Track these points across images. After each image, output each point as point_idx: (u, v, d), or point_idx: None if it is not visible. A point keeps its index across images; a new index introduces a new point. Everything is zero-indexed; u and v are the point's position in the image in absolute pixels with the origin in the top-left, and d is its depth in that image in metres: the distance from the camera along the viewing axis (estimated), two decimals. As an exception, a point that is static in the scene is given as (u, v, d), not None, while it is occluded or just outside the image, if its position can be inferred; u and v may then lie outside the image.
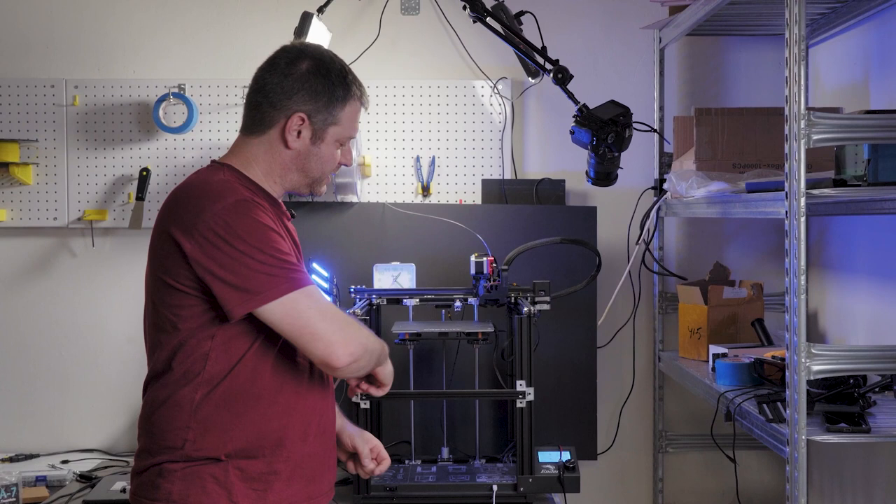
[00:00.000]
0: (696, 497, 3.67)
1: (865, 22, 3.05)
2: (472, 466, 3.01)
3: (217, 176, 2.01)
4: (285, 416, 2.02)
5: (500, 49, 3.40)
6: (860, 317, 3.13)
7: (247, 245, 1.88)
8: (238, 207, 1.91)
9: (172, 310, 1.97)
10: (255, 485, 1.98)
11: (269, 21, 3.56)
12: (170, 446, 1.97)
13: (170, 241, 1.93)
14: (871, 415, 2.47)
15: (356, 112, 2.13)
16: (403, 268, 3.22)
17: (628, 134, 2.79)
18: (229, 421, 1.97)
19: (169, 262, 1.95)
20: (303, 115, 2.03)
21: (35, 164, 3.53)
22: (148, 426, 2.02)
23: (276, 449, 2.01)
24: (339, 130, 2.09)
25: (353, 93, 2.09)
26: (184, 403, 1.96)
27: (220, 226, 1.88)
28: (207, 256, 1.89)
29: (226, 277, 1.88)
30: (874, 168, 2.30)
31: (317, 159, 2.09)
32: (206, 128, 3.55)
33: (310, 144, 2.07)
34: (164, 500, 1.96)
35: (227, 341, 1.96)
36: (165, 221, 1.98)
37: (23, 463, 3.37)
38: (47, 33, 3.58)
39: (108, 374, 3.59)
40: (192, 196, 1.96)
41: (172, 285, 1.95)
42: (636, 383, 3.60)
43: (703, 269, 3.49)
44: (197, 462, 1.96)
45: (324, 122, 2.06)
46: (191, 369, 1.96)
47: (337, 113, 2.07)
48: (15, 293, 3.59)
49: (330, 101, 2.05)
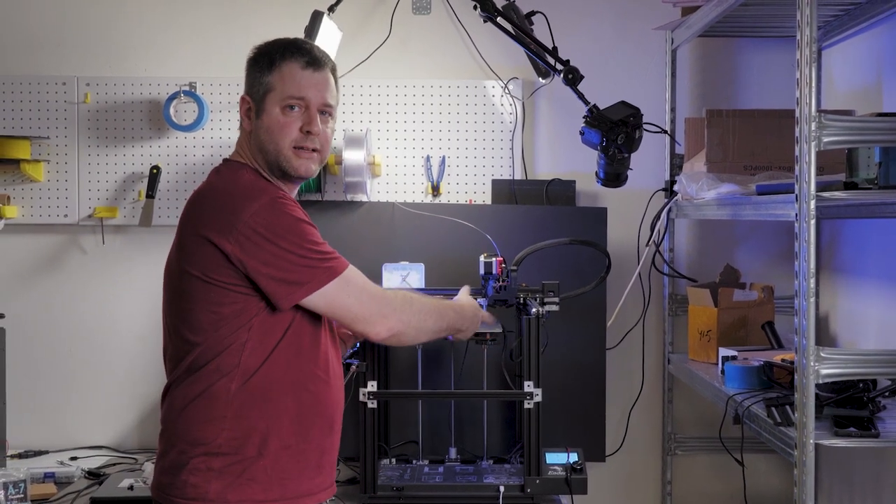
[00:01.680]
0: (704, 500, 3.65)
1: (878, 25, 3.03)
2: (479, 467, 3.00)
3: (243, 176, 2.11)
4: (317, 405, 2.13)
5: (511, 49, 3.39)
6: (871, 321, 3.11)
7: (287, 241, 2.00)
8: (274, 206, 2.02)
9: (211, 307, 2.03)
10: (287, 474, 2.07)
11: (280, 19, 3.56)
12: (205, 440, 2.03)
13: (206, 244, 2.01)
14: (881, 419, 2.45)
15: (290, 71, 2.16)
16: (412, 267, 3.22)
17: (638, 135, 2.78)
18: (263, 410, 2.05)
19: (207, 262, 2.02)
20: (244, 96, 2.17)
21: (46, 161, 3.54)
22: (180, 422, 2.07)
23: (306, 439, 2.10)
24: (276, 94, 2.15)
25: (281, 56, 2.16)
26: (220, 394, 2.03)
27: (260, 225, 1.99)
28: (250, 255, 1.99)
29: (271, 273, 2.00)
30: (885, 171, 2.28)
31: (264, 132, 2.15)
32: (216, 126, 3.55)
33: (256, 120, 2.16)
34: (201, 499, 2.02)
35: (263, 333, 2.05)
36: (197, 225, 2.04)
37: (31, 459, 3.37)
38: (59, 31, 3.59)
39: (117, 371, 3.60)
40: (224, 197, 2.05)
41: (214, 283, 2.02)
42: (645, 385, 3.59)
43: (713, 272, 3.47)
44: (231, 456, 2.02)
45: (259, 95, 2.15)
46: (227, 361, 2.03)
47: (266, 79, 2.15)
48: (25, 289, 3.60)
49: (257, 73, 2.16)
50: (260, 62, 2.16)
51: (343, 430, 2.56)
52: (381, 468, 2.96)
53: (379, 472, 2.89)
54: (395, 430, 3.17)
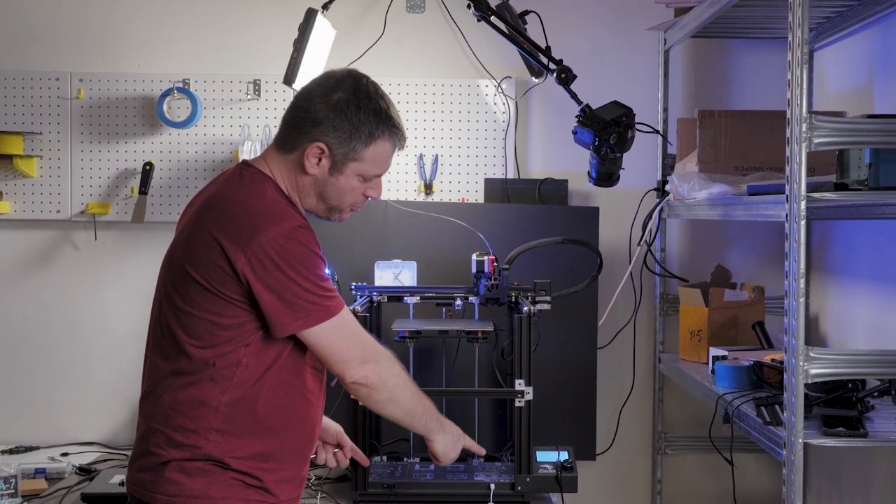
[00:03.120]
0: (694, 499, 3.67)
1: (870, 27, 3.04)
2: (470, 465, 3.00)
3: (267, 193, 2.06)
4: (303, 424, 2.14)
5: (505, 48, 3.39)
6: (861, 321, 3.13)
7: (296, 273, 1.98)
8: (294, 234, 1.99)
9: (212, 316, 2.02)
10: (267, 485, 2.07)
11: (274, 17, 3.56)
12: (193, 445, 2.03)
13: (217, 249, 1.98)
14: (870, 419, 2.46)
15: (384, 152, 2.13)
16: (405, 265, 3.23)
17: (631, 135, 2.79)
18: (251, 426, 2.05)
19: (213, 269, 1.99)
20: (322, 146, 2.07)
21: (39, 157, 3.54)
22: (169, 422, 2.05)
23: (294, 456, 2.13)
24: (361, 167, 2.11)
25: (381, 133, 2.09)
26: (211, 405, 2.03)
27: (274, 250, 1.97)
28: (258, 276, 1.97)
29: (273, 299, 1.99)
30: (875, 172, 2.29)
31: (334, 189, 2.12)
32: (209, 123, 3.55)
33: (328, 174, 2.10)
34: (184, 495, 2.01)
35: (259, 351, 2.05)
36: (210, 227, 2.01)
37: (22, 455, 3.37)
38: (53, 26, 3.58)
39: (108, 368, 3.59)
40: (246, 211, 2.01)
41: (217, 294, 2.00)
42: (636, 384, 3.60)
43: (704, 272, 3.49)
44: (214, 462, 2.02)
45: (344, 157, 2.08)
46: (221, 374, 2.03)
47: (359, 150, 2.09)
48: (17, 285, 3.60)
49: (352, 137, 2.07)
50: (361, 126, 2.07)
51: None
52: (373, 465, 2.96)
53: (370, 470, 2.89)
54: (387, 427, 3.17)
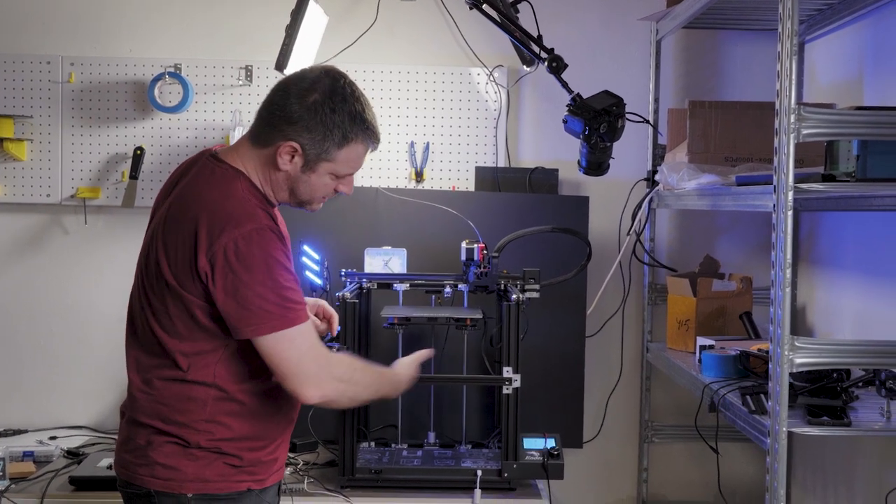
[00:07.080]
0: (680, 487, 3.69)
1: (861, 19, 3.05)
2: (457, 451, 3.02)
3: (237, 192, 2.04)
4: (290, 412, 2.19)
5: (497, 37, 3.39)
6: (847, 312, 3.15)
7: (251, 276, 1.96)
8: (253, 237, 1.97)
9: (187, 316, 2.02)
10: (258, 469, 2.12)
11: (266, 3, 3.55)
12: (181, 434, 2.06)
13: (184, 250, 1.99)
14: (854, 409, 2.48)
15: (356, 154, 2.13)
16: (394, 252, 3.23)
17: (621, 124, 2.79)
18: (241, 418, 2.08)
19: (182, 269, 2.00)
20: (295, 145, 2.06)
21: (29, 141, 3.53)
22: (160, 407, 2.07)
23: (278, 437, 2.17)
24: (333, 167, 2.11)
25: (355, 136, 2.09)
26: (198, 400, 2.05)
27: (232, 251, 1.95)
28: (214, 278, 1.96)
29: (228, 302, 1.97)
30: (863, 164, 2.30)
31: (306, 185, 2.12)
32: (201, 108, 3.55)
33: (300, 172, 2.10)
34: (177, 479, 2.05)
35: (242, 348, 2.05)
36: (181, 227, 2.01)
37: (10, 438, 3.38)
38: (44, 9, 3.57)
39: (97, 351, 3.60)
40: (213, 212, 1.99)
41: (186, 292, 2.00)
42: (623, 373, 3.62)
43: (693, 262, 3.50)
44: (207, 448, 2.06)
45: (317, 157, 2.08)
46: (203, 373, 2.05)
47: (332, 151, 2.08)
48: (6, 269, 3.60)
49: (326, 138, 2.07)
50: (334, 129, 2.06)
51: (323, 413, 2.59)
52: (360, 451, 2.98)
53: (358, 455, 2.91)
54: (375, 413, 3.19)
